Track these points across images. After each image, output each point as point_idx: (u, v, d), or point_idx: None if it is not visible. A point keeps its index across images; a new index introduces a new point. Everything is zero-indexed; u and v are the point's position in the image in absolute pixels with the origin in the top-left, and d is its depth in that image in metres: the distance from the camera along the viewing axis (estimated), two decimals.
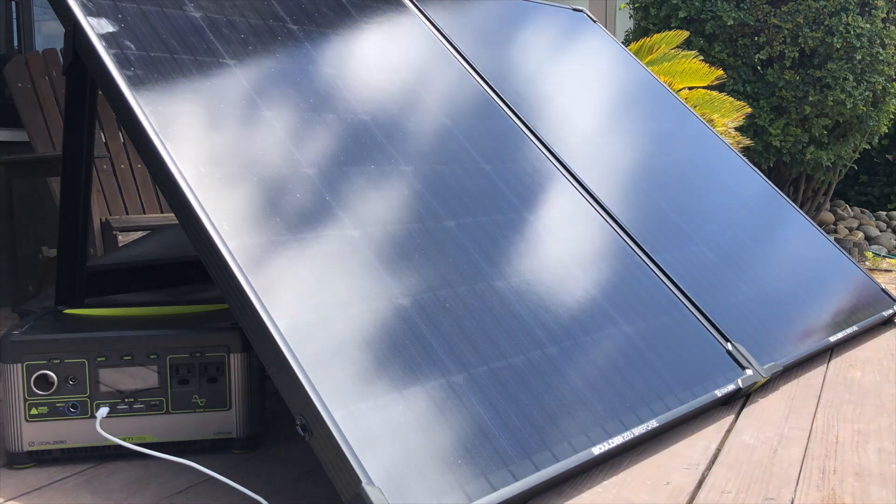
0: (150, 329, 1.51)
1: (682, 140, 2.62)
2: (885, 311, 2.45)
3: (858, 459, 1.50)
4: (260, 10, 1.87)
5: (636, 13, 5.38)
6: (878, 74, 4.93)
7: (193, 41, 1.66)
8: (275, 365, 1.22)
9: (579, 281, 1.72)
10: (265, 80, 1.68)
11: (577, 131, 2.26)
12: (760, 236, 2.39)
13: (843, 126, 5.14)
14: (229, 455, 1.53)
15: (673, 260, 2.00)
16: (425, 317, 1.41)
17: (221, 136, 1.49)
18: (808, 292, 2.28)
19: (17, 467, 1.47)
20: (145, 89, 1.48)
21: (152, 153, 1.40)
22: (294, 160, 1.54)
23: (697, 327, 1.82)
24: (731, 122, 4.09)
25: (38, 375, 1.45)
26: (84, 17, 1.53)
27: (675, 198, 2.27)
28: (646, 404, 1.53)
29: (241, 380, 1.52)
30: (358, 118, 1.75)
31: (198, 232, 1.33)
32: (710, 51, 4.96)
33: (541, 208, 1.85)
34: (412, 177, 1.69)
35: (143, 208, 3.14)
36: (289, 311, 1.27)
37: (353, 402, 1.21)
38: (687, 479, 1.41)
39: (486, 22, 2.51)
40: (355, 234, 1.48)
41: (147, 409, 1.49)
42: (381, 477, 1.14)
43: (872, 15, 4.89)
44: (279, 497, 1.35)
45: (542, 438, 1.34)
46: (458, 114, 1.98)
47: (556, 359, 1.50)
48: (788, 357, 1.95)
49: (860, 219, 5.89)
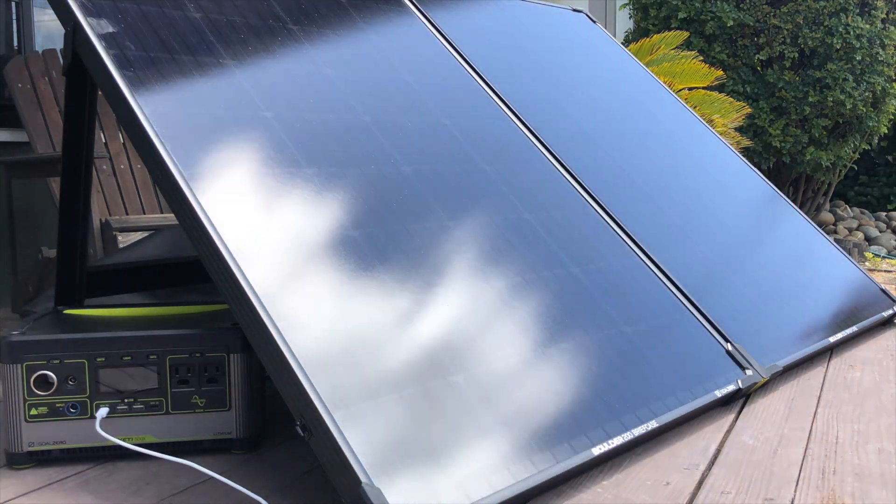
0: (149, 329, 1.51)
1: (682, 140, 2.63)
2: (885, 311, 2.45)
3: (858, 460, 1.50)
4: (260, 11, 1.87)
5: (636, 14, 5.39)
6: (878, 75, 4.94)
7: (193, 41, 1.66)
8: (275, 365, 1.22)
9: (578, 280, 1.72)
10: (265, 80, 1.68)
11: (576, 131, 2.26)
12: (760, 237, 2.39)
13: (843, 126, 5.14)
14: (229, 455, 1.53)
15: (673, 260, 2.00)
16: (425, 316, 1.41)
17: (221, 135, 1.49)
18: (808, 293, 2.28)
19: (17, 467, 1.47)
20: (145, 89, 1.48)
21: (152, 153, 1.40)
22: (294, 160, 1.54)
23: (697, 327, 1.82)
24: (731, 122, 4.09)
25: (38, 376, 1.45)
26: (84, 17, 1.53)
27: (675, 198, 2.27)
28: (645, 404, 1.53)
29: (241, 380, 1.52)
30: (358, 118, 1.75)
31: (198, 232, 1.33)
32: (710, 51, 4.96)
33: (540, 208, 1.85)
34: (412, 177, 1.69)
35: (143, 208, 3.14)
36: (289, 311, 1.27)
37: (353, 403, 1.21)
38: (687, 479, 1.41)
39: (485, 22, 2.51)
40: (356, 233, 1.48)
41: (147, 409, 1.49)
42: (380, 477, 1.14)
43: (872, 15, 4.90)
44: (279, 497, 1.35)
45: (542, 438, 1.34)
46: (457, 114, 1.98)
47: (555, 358, 1.50)
48: (788, 357, 1.95)
49: (860, 219, 5.89)
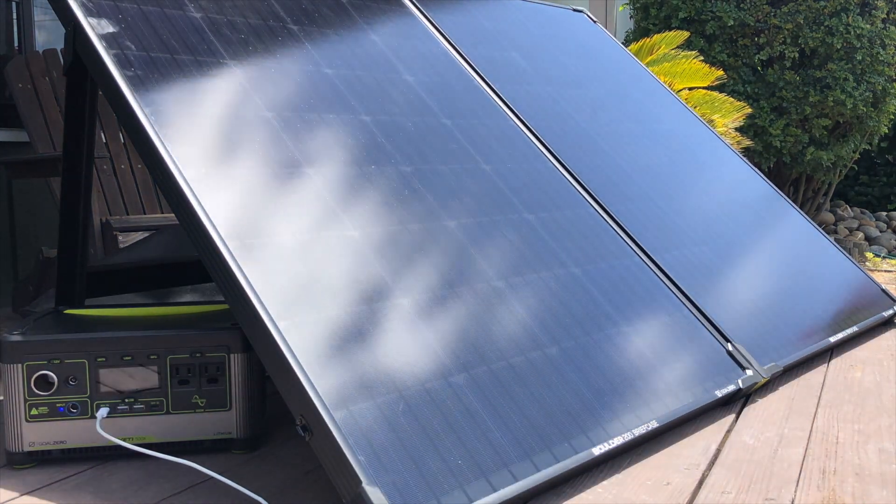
0: (150, 329, 1.51)
1: (682, 140, 2.62)
2: (885, 311, 2.45)
3: (858, 460, 1.50)
4: (260, 11, 1.87)
5: (636, 13, 5.38)
6: (878, 75, 4.93)
7: (194, 41, 1.66)
8: (275, 365, 1.22)
9: (579, 281, 1.72)
10: (265, 80, 1.68)
11: (575, 131, 2.26)
12: (760, 237, 2.39)
13: (843, 126, 5.14)
14: (229, 455, 1.53)
15: (673, 260, 2.00)
16: (425, 317, 1.41)
17: (221, 136, 1.49)
18: (808, 293, 2.28)
19: (17, 467, 1.47)
20: (145, 89, 1.48)
21: (152, 153, 1.40)
22: (294, 160, 1.54)
23: (698, 328, 1.82)
24: (732, 122, 4.09)
25: (39, 376, 1.45)
26: (84, 17, 1.53)
27: (675, 198, 2.27)
28: (646, 404, 1.53)
29: (241, 380, 1.52)
30: (358, 118, 1.75)
31: (198, 232, 1.33)
32: (711, 51, 4.96)
33: (540, 208, 1.85)
34: (412, 177, 1.69)
35: (143, 208, 3.14)
36: (289, 311, 1.27)
37: (354, 403, 1.21)
38: (687, 479, 1.41)
39: (486, 22, 2.51)
40: (356, 234, 1.48)
41: (147, 409, 1.49)
42: (381, 477, 1.14)
43: (872, 15, 4.90)
44: (279, 497, 1.35)
45: (543, 439, 1.34)
46: (457, 114, 1.98)
47: (556, 359, 1.50)
48: (788, 357, 1.95)
49: (860, 219, 5.89)
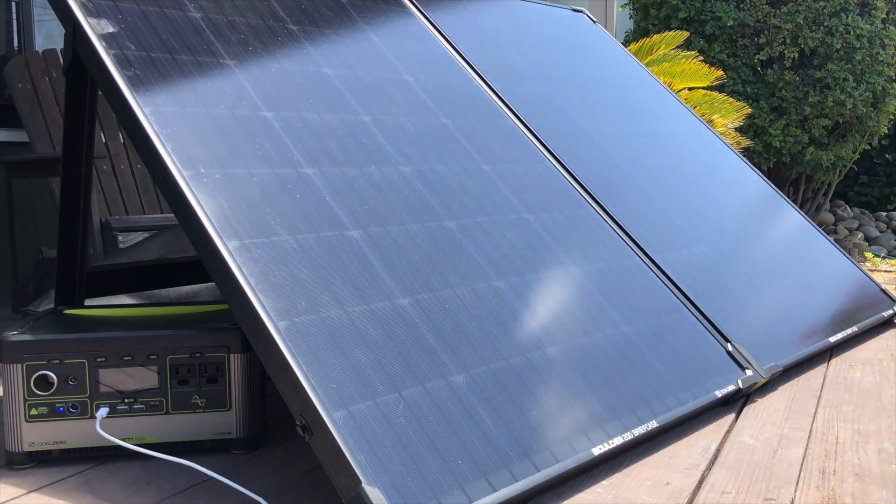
0: (150, 329, 1.51)
1: (682, 140, 2.63)
2: (885, 311, 2.45)
3: (858, 460, 1.50)
4: (260, 11, 1.87)
5: (636, 14, 5.39)
6: (878, 75, 4.93)
7: (193, 41, 1.66)
8: (275, 365, 1.22)
9: (579, 282, 1.72)
10: (265, 80, 1.68)
11: (575, 131, 2.26)
12: (760, 237, 2.39)
13: (843, 126, 5.14)
14: (229, 455, 1.53)
15: (673, 260, 2.00)
16: (425, 317, 1.41)
17: (221, 136, 1.49)
18: (808, 293, 2.28)
19: (17, 467, 1.47)
20: (145, 90, 1.48)
21: (152, 153, 1.40)
22: (294, 160, 1.54)
23: (697, 328, 1.82)
24: (731, 122, 4.09)
25: (38, 376, 1.45)
26: (84, 17, 1.53)
27: (675, 198, 2.27)
28: (646, 404, 1.53)
29: (241, 380, 1.52)
30: (358, 118, 1.75)
31: (198, 232, 1.33)
32: (710, 51, 4.96)
33: (540, 208, 1.85)
34: (412, 177, 1.69)
35: (143, 209, 3.14)
36: (289, 311, 1.27)
37: (353, 403, 1.21)
38: (687, 479, 1.41)
39: (486, 23, 2.51)
40: (355, 234, 1.48)
41: (147, 409, 1.49)
42: (380, 477, 1.14)
43: (872, 15, 4.90)
44: (279, 497, 1.35)
45: (542, 439, 1.34)
46: (457, 114, 1.98)
47: (556, 359, 1.50)
48: (788, 357, 1.95)
49: (860, 219, 5.89)
